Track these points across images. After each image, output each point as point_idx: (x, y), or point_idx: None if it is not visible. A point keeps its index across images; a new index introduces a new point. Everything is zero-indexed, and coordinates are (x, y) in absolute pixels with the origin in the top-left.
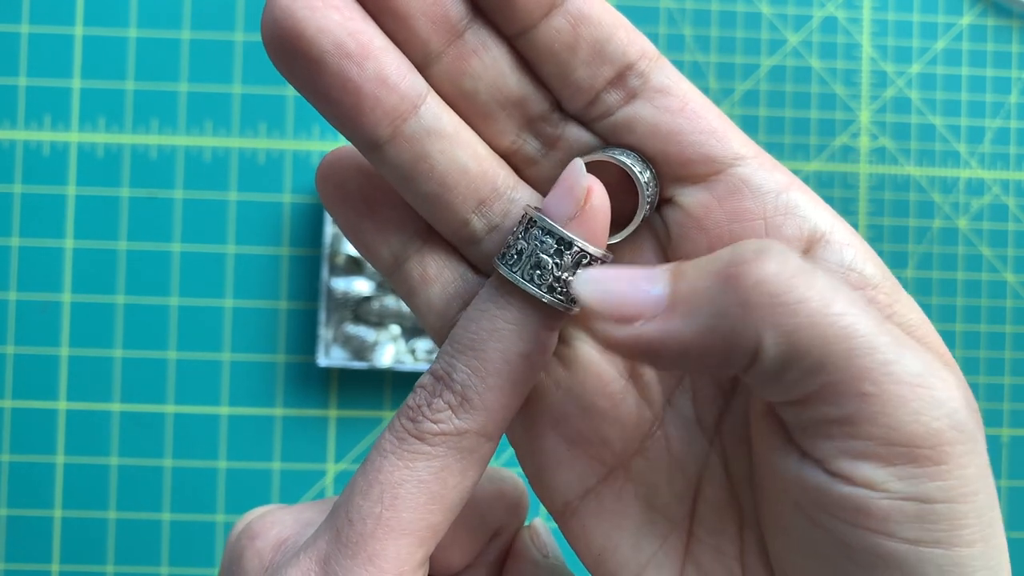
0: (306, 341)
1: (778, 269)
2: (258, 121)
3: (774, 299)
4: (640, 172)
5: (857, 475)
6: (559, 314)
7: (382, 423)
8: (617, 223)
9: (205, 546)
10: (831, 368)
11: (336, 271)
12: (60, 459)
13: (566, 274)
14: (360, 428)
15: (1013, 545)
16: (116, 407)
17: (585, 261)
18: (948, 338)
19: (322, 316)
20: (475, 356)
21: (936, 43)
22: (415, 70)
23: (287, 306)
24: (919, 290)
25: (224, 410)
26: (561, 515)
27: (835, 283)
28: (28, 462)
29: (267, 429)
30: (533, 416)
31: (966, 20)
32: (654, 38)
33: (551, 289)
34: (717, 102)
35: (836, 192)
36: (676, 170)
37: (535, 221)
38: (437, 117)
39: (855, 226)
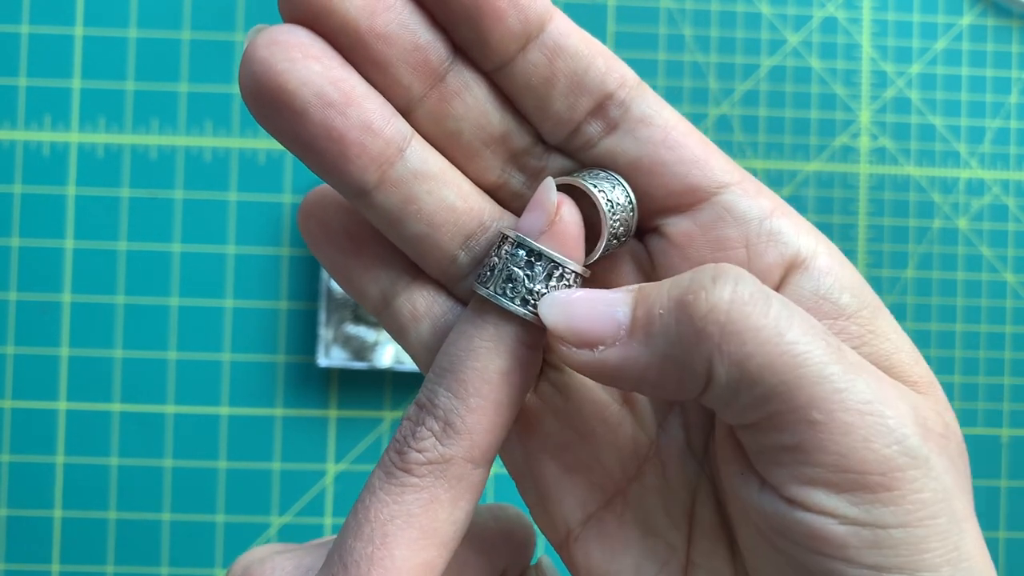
0: (306, 341)
1: (732, 296)
2: None
3: (725, 327)
4: (604, 191)
5: (811, 502)
6: (536, 329)
7: (382, 423)
8: (594, 246)
9: (205, 546)
10: (781, 396)
11: None
12: (60, 459)
13: (539, 286)
14: (360, 428)
15: (1014, 545)
16: (116, 407)
17: (558, 273)
18: (948, 338)
19: (322, 316)
20: (455, 379)
21: (936, 43)
22: (398, 114)
23: (287, 306)
24: (919, 290)
25: (224, 410)
26: (564, 543)
27: (791, 311)
28: (28, 462)
29: (267, 429)
30: (533, 445)
31: (966, 20)
32: (654, 38)
33: (524, 302)
34: (717, 102)
35: (836, 192)
36: (660, 201)
37: (508, 237)
38: (423, 159)
39: (855, 226)
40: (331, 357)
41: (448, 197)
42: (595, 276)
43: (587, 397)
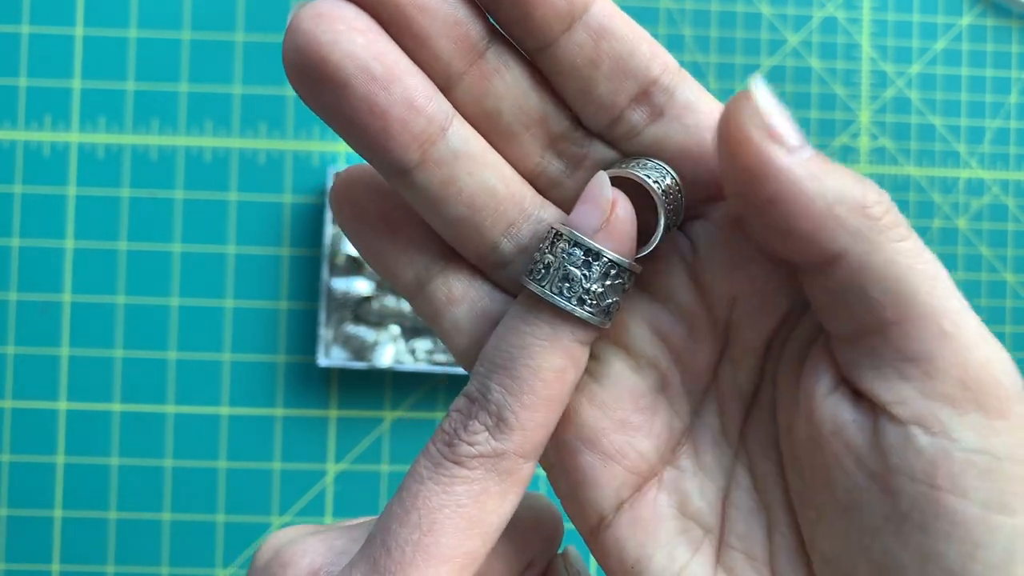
0: (306, 341)
1: (896, 212)
2: (258, 121)
3: (885, 225)
4: (658, 182)
5: (936, 421)
6: (590, 327)
7: (382, 423)
8: (642, 237)
9: (205, 546)
10: (915, 300)
11: (336, 271)
12: (60, 459)
13: (595, 286)
14: (360, 428)
15: None
16: (116, 407)
17: (614, 272)
18: None
19: (322, 316)
20: (508, 375)
21: (936, 43)
22: (440, 93)
23: (287, 306)
24: None
25: (224, 410)
26: (595, 531)
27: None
28: (28, 462)
29: (267, 429)
30: (567, 435)
31: (966, 20)
32: (654, 38)
33: (581, 301)
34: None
35: None
36: (706, 189)
37: (562, 235)
38: (465, 139)
39: None
40: (331, 357)
41: (489, 180)
42: (638, 260)
43: (623, 385)
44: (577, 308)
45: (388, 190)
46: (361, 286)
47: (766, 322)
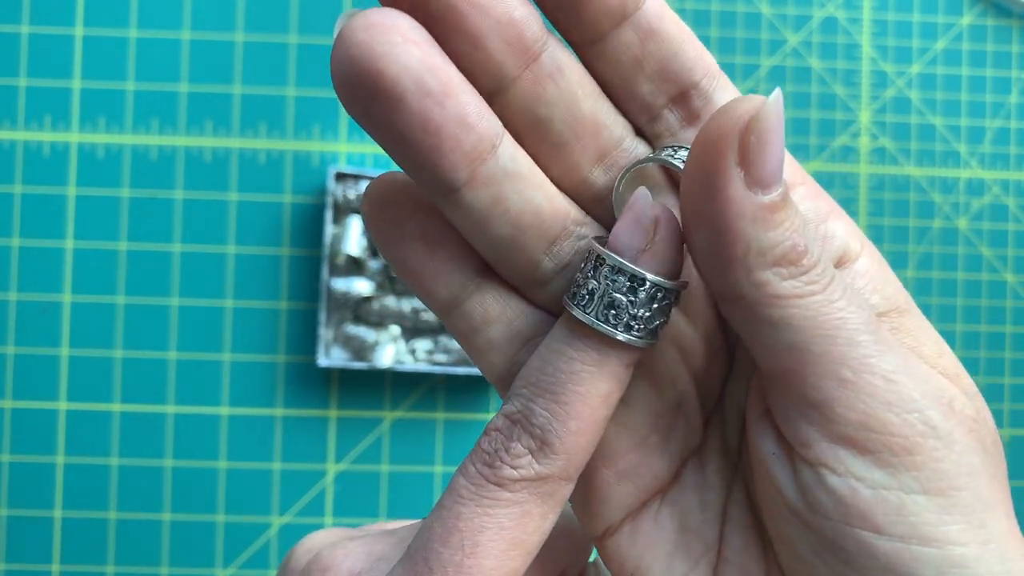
0: (306, 341)
1: (822, 267)
2: (258, 121)
3: (797, 281)
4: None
5: (838, 463)
6: (637, 350)
7: (382, 423)
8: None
9: (205, 546)
10: (810, 349)
11: (336, 271)
12: (60, 459)
13: (642, 310)
14: (360, 428)
15: None
16: (116, 407)
17: (660, 295)
18: (948, 338)
19: (322, 316)
20: (554, 399)
21: (936, 43)
22: (490, 109)
23: (287, 306)
24: (919, 290)
25: (224, 410)
26: (600, 539)
27: (843, 282)
28: (28, 462)
29: (267, 429)
30: None
31: (966, 20)
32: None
33: (628, 328)
34: None
35: (836, 192)
36: None
37: (604, 259)
38: (513, 158)
39: None
40: (331, 357)
41: (536, 199)
42: None
43: (646, 406)
44: (624, 335)
45: (428, 205)
46: (361, 286)
47: None
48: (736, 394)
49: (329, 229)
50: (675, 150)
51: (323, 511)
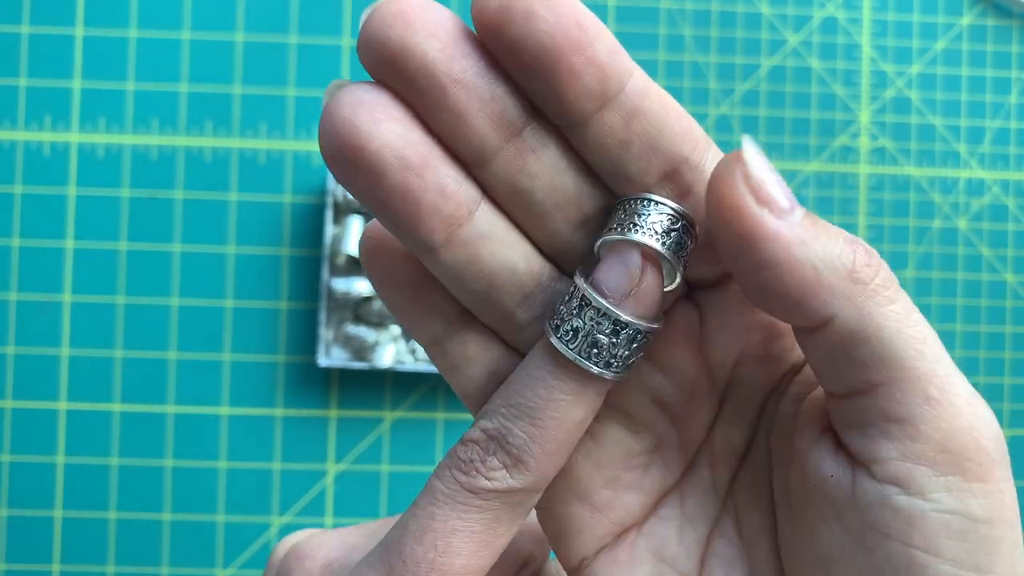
0: (306, 341)
1: (886, 273)
2: (258, 121)
3: (873, 289)
4: (665, 237)
5: (913, 483)
6: (611, 382)
7: (382, 423)
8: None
9: (205, 546)
10: (901, 364)
11: (336, 271)
12: (60, 459)
13: (622, 351)
14: (360, 428)
15: None
16: (116, 407)
17: (640, 336)
18: (948, 338)
19: (322, 316)
20: (532, 423)
21: (936, 43)
22: (470, 179)
23: (287, 306)
24: (919, 290)
25: (224, 410)
26: (576, 570)
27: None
28: (29, 462)
29: (267, 429)
30: (560, 486)
31: (966, 20)
32: (654, 38)
33: (608, 365)
34: (717, 102)
35: (836, 192)
36: (719, 261)
37: (589, 301)
38: (490, 222)
39: (855, 227)
40: (331, 357)
41: (511, 259)
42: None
43: (619, 446)
44: (605, 372)
45: (413, 256)
46: (361, 286)
47: (765, 382)
48: (726, 436)
49: (329, 229)
50: (656, 227)
51: (323, 511)
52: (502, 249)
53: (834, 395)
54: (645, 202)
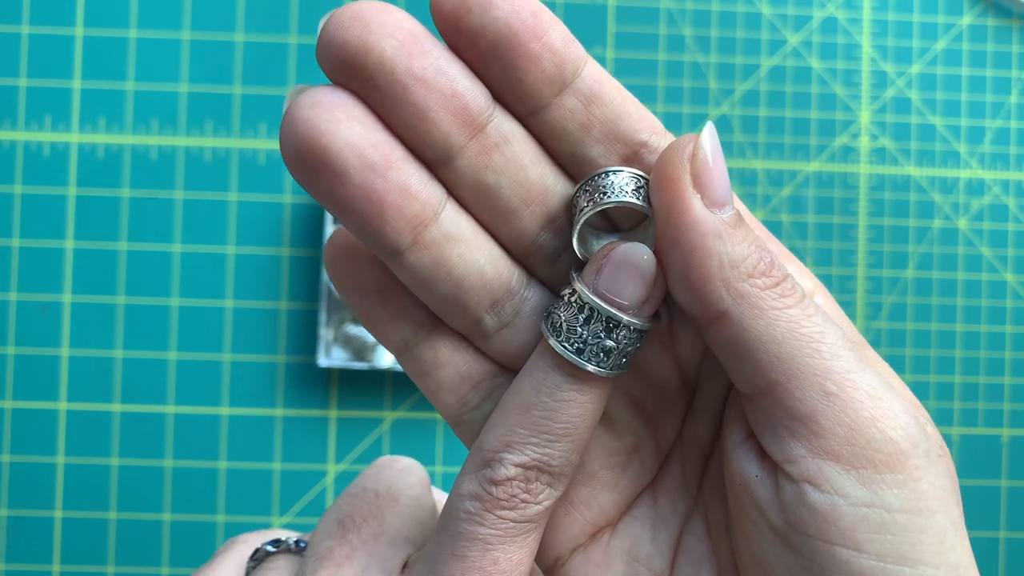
0: (306, 341)
1: (791, 285)
2: (258, 121)
3: (772, 294)
4: (636, 194)
5: (823, 478)
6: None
7: (382, 423)
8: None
9: (206, 546)
10: (795, 361)
11: None
12: (61, 459)
13: (630, 349)
14: (361, 429)
15: (1014, 545)
16: (117, 408)
17: (643, 335)
18: (948, 338)
19: (322, 316)
20: (571, 441)
21: (936, 43)
22: (434, 179)
23: (287, 307)
24: (919, 290)
25: (224, 411)
26: (551, 569)
27: (816, 305)
28: (29, 462)
29: (267, 429)
30: None
31: (966, 20)
32: (654, 38)
33: (618, 366)
34: (717, 102)
35: (836, 192)
36: None
37: (597, 311)
38: (456, 223)
39: (855, 226)
40: (331, 357)
41: (478, 261)
42: None
43: (599, 445)
44: (615, 372)
45: (379, 261)
46: None
47: (725, 377)
48: (696, 435)
49: (329, 229)
50: (627, 188)
51: (323, 511)
52: (469, 251)
53: (745, 396)
54: (604, 174)
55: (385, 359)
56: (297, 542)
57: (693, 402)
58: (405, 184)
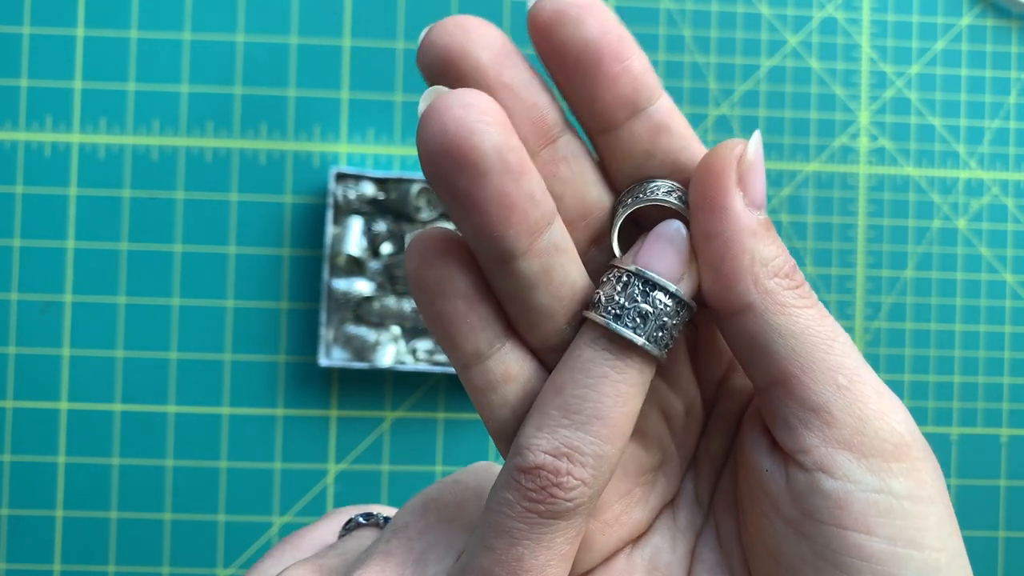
0: (307, 341)
1: (808, 289)
2: (259, 122)
3: (794, 294)
4: (669, 196)
5: (836, 467)
6: (657, 360)
7: (383, 423)
8: None
9: (206, 546)
10: (811, 355)
11: (337, 271)
12: (62, 459)
13: (676, 329)
14: (361, 428)
15: (1014, 545)
16: (117, 407)
17: (689, 314)
18: (947, 338)
19: (323, 316)
20: (604, 424)
21: (935, 44)
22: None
23: (288, 306)
24: (919, 290)
25: (225, 410)
26: None
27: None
28: (30, 462)
29: (268, 429)
30: None
31: (965, 21)
32: (654, 38)
33: (666, 346)
34: (717, 103)
35: (836, 192)
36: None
37: (657, 285)
38: (563, 234)
39: (855, 226)
40: (332, 357)
41: (573, 273)
42: None
43: (634, 461)
44: (651, 346)
45: (473, 265)
46: (362, 286)
47: (745, 395)
48: (710, 452)
49: (330, 229)
50: (664, 191)
51: (324, 511)
52: (569, 262)
53: (759, 389)
54: (643, 182)
55: (386, 359)
56: (387, 518)
57: (710, 418)
58: (532, 191)
